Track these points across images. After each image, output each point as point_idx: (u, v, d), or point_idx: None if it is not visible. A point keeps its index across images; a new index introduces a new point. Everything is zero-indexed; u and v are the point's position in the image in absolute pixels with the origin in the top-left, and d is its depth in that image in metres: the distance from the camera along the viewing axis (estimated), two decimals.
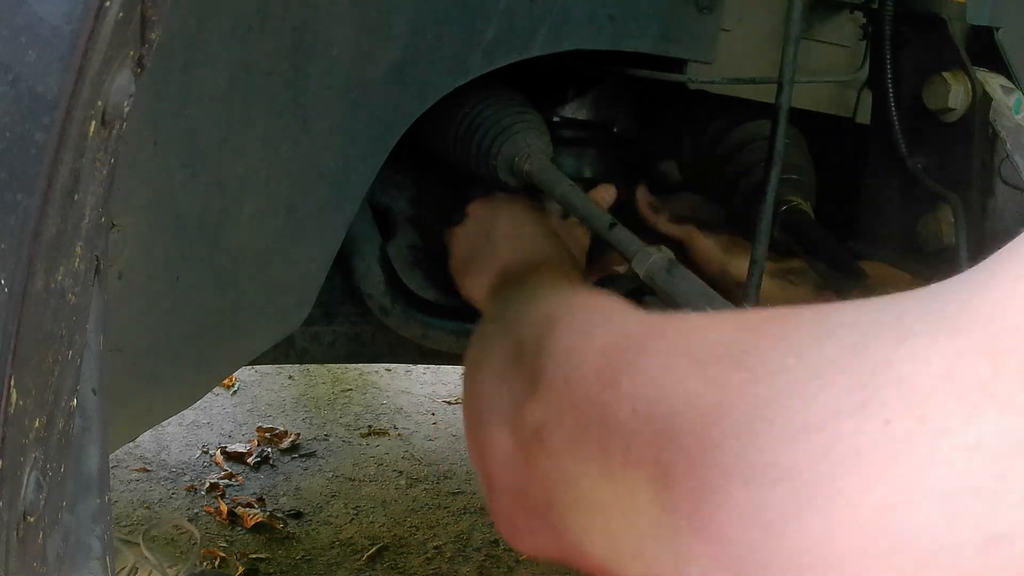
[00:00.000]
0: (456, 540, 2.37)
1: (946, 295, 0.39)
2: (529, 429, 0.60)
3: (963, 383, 0.36)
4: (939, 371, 0.36)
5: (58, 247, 0.44)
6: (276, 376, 3.08)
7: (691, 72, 1.12)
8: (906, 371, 0.37)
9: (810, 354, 0.41)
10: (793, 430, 0.39)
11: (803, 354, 0.41)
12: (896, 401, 0.37)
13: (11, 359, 0.42)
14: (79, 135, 0.43)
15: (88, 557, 0.52)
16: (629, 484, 0.47)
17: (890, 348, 0.38)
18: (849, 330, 0.40)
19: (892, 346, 0.38)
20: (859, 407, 0.37)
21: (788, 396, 0.40)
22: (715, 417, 0.42)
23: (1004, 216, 0.96)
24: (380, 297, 1.22)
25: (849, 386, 0.38)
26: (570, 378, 0.58)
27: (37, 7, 0.41)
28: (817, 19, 1.17)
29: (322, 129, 0.92)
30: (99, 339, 0.53)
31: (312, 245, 0.98)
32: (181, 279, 0.82)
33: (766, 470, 0.39)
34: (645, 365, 0.50)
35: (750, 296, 1.00)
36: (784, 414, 0.39)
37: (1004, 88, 0.99)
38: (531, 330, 0.72)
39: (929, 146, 1.00)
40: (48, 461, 0.47)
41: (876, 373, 0.38)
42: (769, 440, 0.39)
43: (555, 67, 1.14)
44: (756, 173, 1.17)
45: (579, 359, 0.58)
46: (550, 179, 1.10)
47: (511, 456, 0.63)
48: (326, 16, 0.87)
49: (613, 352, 0.55)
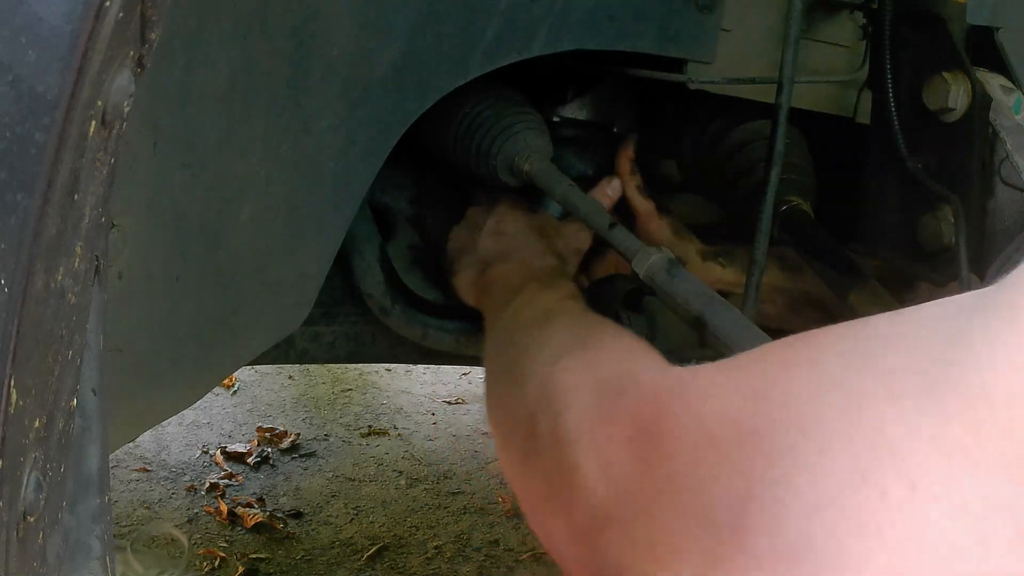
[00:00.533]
0: (456, 540, 2.37)
1: (933, 352, 0.41)
2: (584, 527, 0.64)
3: (948, 448, 0.39)
4: (927, 434, 0.39)
5: (58, 247, 0.44)
6: (276, 376, 3.08)
7: (691, 72, 1.12)
8: (898, 436, 0.40)
9: (812, 426, 0.44)
10: (807, 509, 0.42)
11: (806, 429, 0.44)
12: (890, 470, 0.40)
13: (11, 359, 0.42)
14: (79, 135, 0.43)
15: (88, 557, 0.52)
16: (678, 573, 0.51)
17: (882, 410, 0.41)
18: (843, 394, 0.43)
19: (884, 408, 0.41)
20: (861, 480, 0.41)
21: (799, 475, 0.43)
22: (744, 505, 0.46)
23: (1004, 216, 0.96)
24: (380, 297, 1.21)
25: (850, 458, 0.42)
26: (606, 464, 0.61)
27: (37, 7, 0.41)
28: (817, 19, 1.17)
29: (322, 129, 0.92)
30: (99, 339, 0.53)
31: (312, 245, 0.98)
32: (181, 279, 0.82)
33: (790, 550, 0.43)
34: (673, 451, 0.54)
35: (750, 296, 1.00)
36: (799, 495, 0.43)
37: (1004, 88, 0.99)
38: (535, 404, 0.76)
39: (929, 146, 1.00)
40: (48, 461, 0.47)
41: (872, 440, 0.41)
42: (789, 522, 0.43)
43: (555, 67, 1.14)
44: (756, 173, 1.17)
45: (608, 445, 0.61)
46: (550, 179, 1.10)
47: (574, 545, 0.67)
48: (326, 16, 0.87)
49: (638, 438, 0.58)
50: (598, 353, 0.76)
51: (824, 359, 0.47)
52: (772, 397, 0.48)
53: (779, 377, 0.48)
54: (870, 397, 0.42)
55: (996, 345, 0.39)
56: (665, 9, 1.07)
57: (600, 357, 0.75)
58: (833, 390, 0.44)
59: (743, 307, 0.98)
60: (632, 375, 0.67)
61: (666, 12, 1.07)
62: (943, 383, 0.40)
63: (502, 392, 0.87)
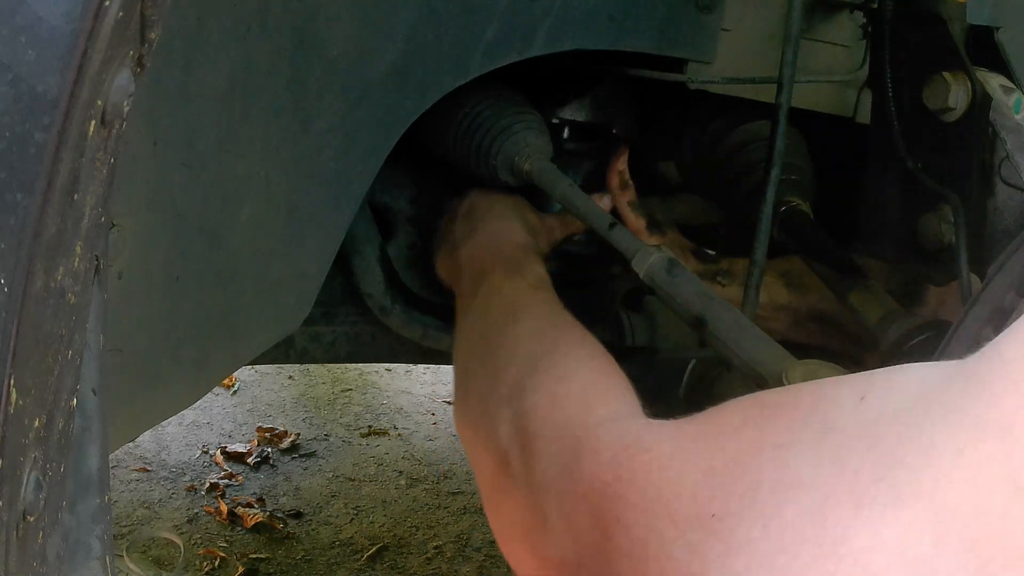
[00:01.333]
0: (456, 540, 2.37)
1: (898, 454, 0.42)
2: (551, 564, 0.65)
3: (910, 559, 0.39)
4: (890, 546, 0.40)
5: (58, 247, 0.44)
6: (276, 376, 3.07)
7: (691, 72, 1.12)
8: (861, 545, 0.41)
9: (774, 523, 0.44)
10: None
11: (768, 525, 0.44)
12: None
13: (11, 359, 0.42)
14: (79, 135, 0.43)
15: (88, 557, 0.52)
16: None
17: (848, 517, 0.42)
18: (808, 493, 0.44)
19: (849, 515, 0.42)
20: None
21: (758, 570, 0.44)
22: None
23: (1004, 216, 0.96)
24: (380, 297, 1.21)
25: (812, 560, 0.42)
26: (570, 522, 0.62)
27: (37, 7, 0.41)
28: (817, 19, 1.17)
29: (322, 129, 0.92)
30: (99, 339, 0.53)
31: (312, 245, 0.98)
32: (181, 279, 0.82)
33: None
34: (631, 522, 0.54)
35: (750, 296, 1.00)
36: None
37: (1004, 88, 0.99)
38: (505, 435, 0.76)
39: (929, 146, 1.00)
40: (48, 461, 0.47)
41: (836, 546, 0.41)
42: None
43: (555, 67, 1.14)
44: (756, 173, 1.17)
45: (572, 512, 0.62)
46: (550, 178, 1.10)
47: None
48: (326, 16, 0.87)
49: (598, 508, 0.59)
50: (564, 384, 0.75)
51: (789, 450, 0.46)
52: (735, 483, 0.48)
53: (744, 462, 0.48)
54: (835, 502, 0.42)
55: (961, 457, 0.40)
56: (665, 9, 1.07)
57: (566, 390, 0.74)
58: (798, 488, 0.44)
59: (743, 308, 0.98)
60: (593, 426, 0.66)
61: (666, 12, 1.07)
62: (907, 493, 0.40)
63: (474, 418, 0.87)
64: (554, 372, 0.77)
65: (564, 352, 0.81)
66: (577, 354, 0.81)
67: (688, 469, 0.52)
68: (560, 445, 0.67)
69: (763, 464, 0.47)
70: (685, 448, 0.54)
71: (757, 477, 0.47)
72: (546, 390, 0.75)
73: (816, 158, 1.23)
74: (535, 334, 0.87)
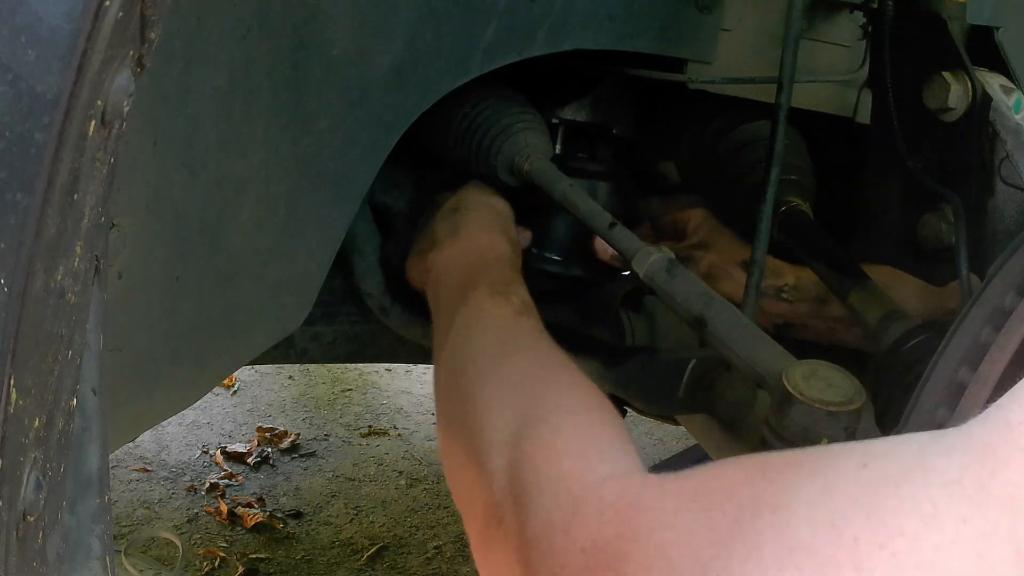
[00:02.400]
0: (456, 540, 2.37)
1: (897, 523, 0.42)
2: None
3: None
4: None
5: (58, 247, 0.44)
6: (276, 376, 3.07)
7: (691, 72, 1.12)
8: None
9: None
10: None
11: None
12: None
13: (11, 359, 0.42)
14: (79, 135, 0.43)
15: (88, 557, 0.52)
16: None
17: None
18: (808, 556, 0.44)
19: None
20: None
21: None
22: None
23: (1004, 216, 0.96)
24: (380, 297, 1.21)
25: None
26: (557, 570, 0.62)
27: (37, 7, 0.41)
28: (817, 19, 1.17)
29: (322, 129, 0.92)
30: (99, 339, 0.53)
31: (312, 245, 0.98)
32: (181, 279, 0.82)
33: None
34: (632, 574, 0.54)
35: (750, 296, 1.00)
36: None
37: (1004, 88, 0.99)
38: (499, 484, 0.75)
39: (929, 146, 1.00)
40: (48, 461, 0.47)
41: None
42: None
43: (555, 67, 1.14)
44: (756, 174, 1.17)
45: (567, 559, 0.62)
46: (550, 178, 1.10)
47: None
48: (326, 16, 0.87)
49: (602, 559, 0.58)
50: (562, 438, 0.74)
51: (788, 512, 0.47)
52: (736, 544, 0.48)
53: (744, 522, 0.48)
54: (835, 566, 0.42)
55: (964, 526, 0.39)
56: (665, 9, 1.07)
57: (564, 444, 0.73)
58: (800, 553, 0.44)
59: (744, 307, 0.98)
60: (593, 484, 0.66)
61: (666, 12, 1.07)
62: (909, 562, 0.40)
63: (461, 461, 0.84)
64: (551, 422, 0.76)
65: (559, 402, 0.79)
66: (572, 406, 0.79)
67: (691, 528, 0.52)
68: (557, 501, 0.67)
69: (762, 527, 0.47)
70: (687, 507, 0.54)
71: (757, 540, 0.47)
72: (543, 443, 0.74)
73: (816, 158, 1.23)
74: (527, 378, 0.84)
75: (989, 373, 0.66)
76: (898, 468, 0.44)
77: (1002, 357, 0.66)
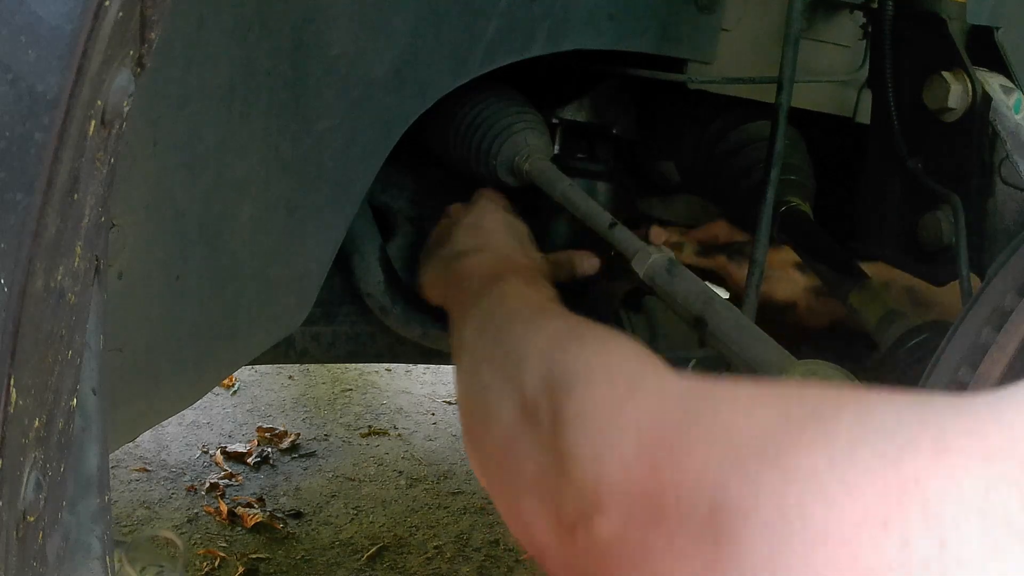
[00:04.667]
0: (456, 540, 2.37)
1: (992, 413, 0.39)
2: (572, 517, 0.60)
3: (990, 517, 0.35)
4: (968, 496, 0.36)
5: (58, 247, 0.44)
6: (276, 376, 3.07)
7: (691, 72, 1.12)
8: (934, 492, 0.37)
9: (843, 460, 0.41)
10: (816, 538, 0.39)
11: (836, 459, 0.41)
12: (918, 523, 0.37)
13: (11, 359, 0.42)
14: (79, 135, 0.43)
15: (88, 557, 0.52)
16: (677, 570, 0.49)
17: (926, 461, 0.38)
18: (887, 439, 0.40)
19: (928, 460, 0.38)
20: (881, 524, 0.37)
21: (814, 502, 0.40)
22: (747, 516, 0.43)
23: (1004, 216, 0.96)
24: (380, 297, 1.21)
25: (875, 499, 0.38)
26: (606, 463, 0.58)
27: (37, 7, 0.41)
28: (817, 19, 1.17)
29: (322, 129, 0.92)
30: (99, 339, 0.53)
31: (312, 245, 0.98)
32: (181, 279, 0.82)
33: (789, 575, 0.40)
34: (685, 454, 0.51)
35: (750, 296, 1.00)
36: (809, 521, 0.40)
37: (1004, 88, 0.99)
38: (537, 379, 0.71)
39: (929, 146, 1.00)
40: (48, 461, 0.47)
41: (904, 486, 0.38)
42: (793, 545, 0.40)
43: (555, 67, 1.14)
44: (755, 174, 1.17)
45: (614, 442, 0.58)
46: (550, 178, 1.10)
47: (557, 536, 0.64)
48: (326, 16, 0.87)
49: (649, 440, 0.55)
50: (606, 344, 0.71)
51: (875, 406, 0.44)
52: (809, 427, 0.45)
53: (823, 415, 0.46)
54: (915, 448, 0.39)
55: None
56: (665, 9, 1.07)
57: (610, 348, 0.70)
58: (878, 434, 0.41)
59: (743, 307, 0.98)
60: (653, 373, 0.63)
61: (666, 12, 1.07)
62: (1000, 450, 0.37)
63: (490, 376, 0.80)
64: (591, 339, 0.73)
65: (601, 332, 0.76)
66: (614, 332, 0.76)
67: (762, 412, 0.49)
68: (611, 381, 0.63)
69: (843, 415, 0.44)
70: (762, 394, 0.51)
71: (835, 425, 0.43)
72: (587, 345, 0.71)
73: (816, 158, 1.23)
74: (565, 322, 0.81)
75: (989, 373, 0.66)
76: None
77: (1002, 357, 0.66)
